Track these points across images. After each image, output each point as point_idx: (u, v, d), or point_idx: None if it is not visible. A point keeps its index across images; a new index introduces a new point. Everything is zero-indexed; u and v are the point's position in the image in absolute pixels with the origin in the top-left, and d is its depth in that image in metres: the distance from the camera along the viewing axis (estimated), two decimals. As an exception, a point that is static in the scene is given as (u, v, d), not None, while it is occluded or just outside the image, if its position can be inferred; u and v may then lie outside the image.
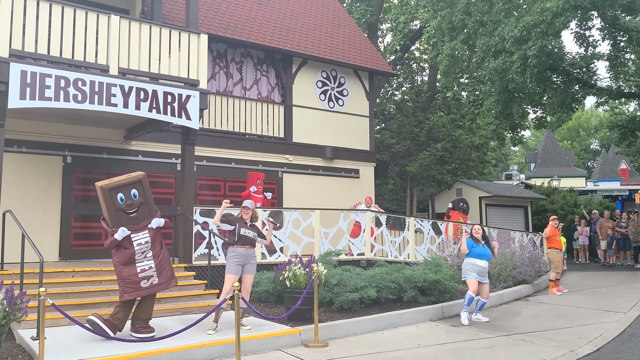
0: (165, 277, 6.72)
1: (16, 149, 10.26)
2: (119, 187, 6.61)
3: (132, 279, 6.50)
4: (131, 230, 6.56)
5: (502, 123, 19.22)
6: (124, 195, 6.60)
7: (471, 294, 8.53)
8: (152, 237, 6.68)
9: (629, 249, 18.00)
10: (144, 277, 6.55)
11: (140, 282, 6.53)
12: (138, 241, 6.56)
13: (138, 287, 6.52)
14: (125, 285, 6.50)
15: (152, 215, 6.81)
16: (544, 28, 14.35)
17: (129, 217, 6.60)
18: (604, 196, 27.09)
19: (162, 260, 6.73)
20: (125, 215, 6.59)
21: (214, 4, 14.39)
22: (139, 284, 6.52)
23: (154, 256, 6.66)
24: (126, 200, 6.60)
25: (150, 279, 6.60)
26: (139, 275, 6.52)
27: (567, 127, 57.66)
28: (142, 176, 6.83)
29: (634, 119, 20.55)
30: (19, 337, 6.63)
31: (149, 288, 6.60)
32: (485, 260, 8.77)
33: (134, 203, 6.64)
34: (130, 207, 6.62)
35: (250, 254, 7.40)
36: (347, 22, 18.29)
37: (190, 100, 9.24)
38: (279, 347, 6.78)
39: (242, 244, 7.33)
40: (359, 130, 15.91)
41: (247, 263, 7.38)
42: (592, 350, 6.73)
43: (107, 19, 8.80)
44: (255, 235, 7.48)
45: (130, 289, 6.49)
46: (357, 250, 11.78)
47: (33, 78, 7.73)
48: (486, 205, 20.14)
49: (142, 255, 6.57)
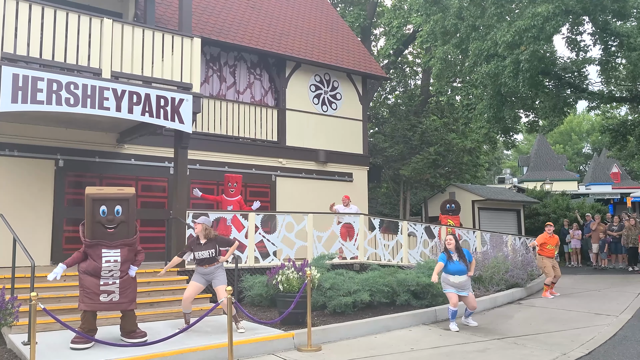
0: (126, 298, 6.53)
1: (8, 152, 10.20)
2: (104, 200, 6.50)
3: (92, 290, 6.36)
4: (104, 245, 6.44)
5: (495, 127, 19.31)
6: (107, 209, 6.48)
7: (452, 308, 8.34)
8: (123, 259, 6.52)
9: (620, 253, 18.12)
10: (105, 291, 6.40)
11: (100, 295, 6.38)
12: (107, 258, 6.42)
13: (96, 300, 6.38)
14: (85, 295, 6.37)
15: (129, 236, 6.61)
16: (535, 33, 14.46)
17: (106, 232, 6.47)
18: (596, 200, 27.25)
19: (127, 280, 6.57)
20: (102, 228, 6.46)
21: (207, 8, 14.39)
22: (98, 296, 6.37)
23: (120, 276, 6.51)
24: (107, 215, 6.47)
25: (111, 295, 6.43)
26: (100, 288, 6.38)
27: (559, 131, 58.03)
28: (131, 195, 6.68)
29: (625, 123, 20.72)
30: (10, 342, 6.58)
31: (107, 304, 6.43)
32: (459, 276, 8.40)
33: (115, 219, 6.50)
34: (110, 222, 6.48)
35: (212, 271, 7.48)
36: (340, 26, 18.33)
37: (183, 104, 9.22)
38: (272, 351, 6.77)
39: (201, 264, 7.45)
40: (352, 134, 15.94)
41: (213, 278, 7.50)
42: (584, 353, 6.76)
43: (99, 22, 8.78)
44: (212, 253, 7.41)
45: (89, 300, 6.36)
46: (350, 253, 11.78)
47: (25, 81, 7.69)
48: (479, 208, 20.20)
49: (109, 272, 6.43)
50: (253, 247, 10.42)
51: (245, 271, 10.08)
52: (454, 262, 8.49)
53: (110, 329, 7.09)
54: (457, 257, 8.52)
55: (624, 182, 40.22)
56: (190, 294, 7.42)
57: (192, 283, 7.47)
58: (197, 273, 7.53)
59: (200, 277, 7.49)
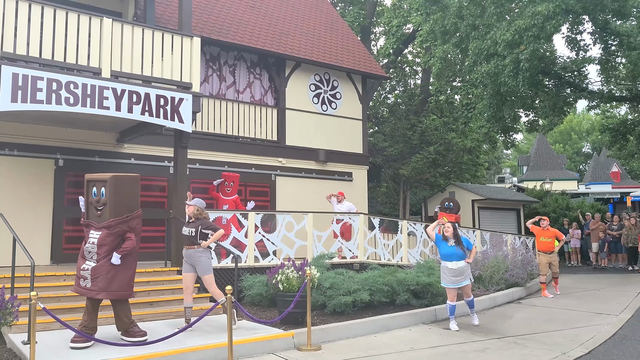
0: (96, 285, 6.38)
1: (7, 152, 10.20)
2: (94, 181, 6.73)
3: (77, 274, 6.53)
4: (93, 227, 6.58)
5: (494, 126, 19.32)
6: (97, 190, 6.68)
7: (450, 303, 8.37)
8: (100, 241, 6.45)
9: (620, 252, 18.12)
10: (82, 276, 6.47)
11: (80, 279, 6.48)
12: (90, 239, 6.53)
13: (77, 284, 6.52)
14: (75, 277, 6.59)
15: (108, 218, 6.52)
16: (535, 32, 14.45)
17: (96, 214, 6.65)
18: (595, 199, 27.24)
19: (100, 267, 6.41)
20: (93, 210, 6.68)
21: (207, 7, 14.38)
22: (79, 279, 6.49)
23: (97, 259, 6.46)
24: (96, 196, 6.67)
25: (85, 281, 6.44)
26: (81, 272, 6.48)
27: (559, 131, 58.01)
28: (110, 177, 6.62)
29: (625, 123, 20.73)
30: (10, 342, 6.58)
31: (82, 289, 6.46)
32: (456, 261, 8.35)
33: (100, 201, 6.64)
34: (97, 203, 6.65)
35: (191, 254, 7.51)
36: (340, 25, 18.33)
37: (183, 103, 9.22)
38: (271, 350, 6.77)
39: (184, 244, 7.60)
40: (352, 133, 15.94)
41: (194, 263, 7.53)
42: (584, 352, 6.76)
43: (99, 21, 8.78)
44: (192, 232, 7.45)
45: (76, 283, 6.54)
46: (350, 253, 11.78)
47: (25, 81, 7.69)
48: (479, 208, 20.20)
49: (89, 254, 6.50)
50: (253, 246, 10.42)
51: (245, 270, 10.08)
52: (449, 246, 8.43)
53: (109, 328, 7.09)
54: (454, 243, 8.47)
55: (624, 182, 40.20)
56: (186, 285, 7.57)
57: (183, 275, 7.67)
58: (184, 260, 7.65)
59: (185, 264, 7.61)
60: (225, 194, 11.52)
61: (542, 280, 11.90)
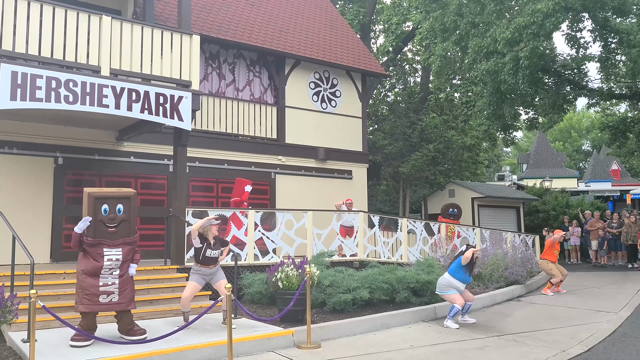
0: (125, 298, 6.49)
1: (7, 150, 10.20)
2: (106, 198, 6.52)
3: (92, 291, 6.31)
4: (106, 245, 6.43)
5: (494, 124, 19.31)
6: (109, 207, 6.50)
7: (459, 307, 8.39)
8: (124, 257, 6.51)
9: (620, 250, 18.13)
10: (105, 292, 6.36)
11: (100, 296, 6.34)
12: (109, 257, 6.40)
13: (96, 301, 6.33)
14: (83, 296, 6.31)
15: (130, 234, 6.63)
16: (535, 29, 14.44)
17: (108, 231, 6.47)
18: (595, 197, 27.24)
19: (126, 280, 6.54)
20: (104, 227, 6.46)
21: (206, 5, 14.36)
22: (97, 297, 6.33)
23: (120, 275, 6.49)
24: (109, 213, 6.48)
25: (110, 296, 6.40)
26: (99, 289, 6.34)
27: (558, 128, 57.99)
28: (132, 194, 6.74)
29: (624, 120, 20.73)
30: (10, 340, 6.59)
31: (107, 305, 6.40)
32: (465, 284, 8.67)
33: (117, 218, 6.51)
34: (112, 221, 6.49)
35: (213, 271, 7.57)
36: (339, 23, 18.31)
37: (182, 102, 9.22)
38: (271, 348, 6.77)
39: (205, 264, 7.47)
40: (352, 131, 15.93)
41: (213, 277, 7.57)
42: (583, 350, 6.77)
43: (98, 19, 8.76)
44: (218, 254, 7.59)
45: (88, 302, 6.30)
46: (349, 251, 11.78)
47: (24, 79, 7.68)
48: (478, 206, 20.20)
49: (109, 271, 6.41)
50: (252, 244, 10.42)
51: (244, 269, 10.08)
52: (466, 272, 8.63)
53: (109, 327, 7.08)
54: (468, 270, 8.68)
55: (624, 180, 40.21)
56: (189, 294, 7.41)
57: (191, 283, 7.45)
58: (197, 273, 7.50)
59: (200, 278, 7.49)
60: (245, 198, 11.70)
61: (555, 281, 11.88)
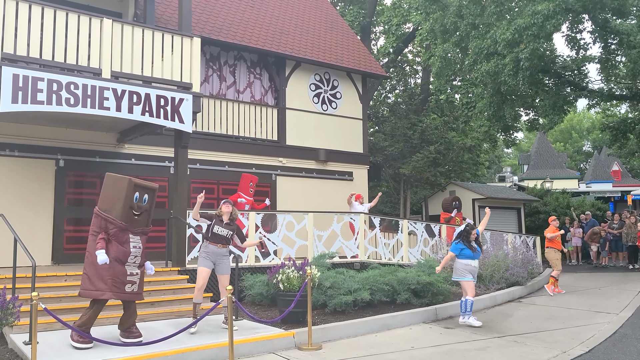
0: (141, 289, 6.65)
1: (8, 152, 10.22)
2: (141, 187, 6.67)
3: (120, 280, 6.37)
4: (130, 231, 6.52)
5: (495, 125, 19.32)
6: (140, 195, 6.64)
7: (471, 298, 8.47)
8: (143, 245, 6.68)
9: (621, 250, 18.12)
10: (130, 281, 6.45)
11: (126, 285, 6.41)
12: (134, 244, 6.52)
13: (122, 290, 6.39)
14: (110, 285, 6.29)
15: (148, 225, 6.79)
16: (535, 31, 14.45)
17: (133, 218, 6.59)
18: (596, 198, 27.25)
19: (143, 271, 6.71)
20: (132, 214, 6.56)
21: (207, 7, 14.39)
22: (124, 285, 6.39)
23: (139, 264, 6.61)
24: (138, 201, 6.62)
25: (133, 286, 6.49)
26: (127, 277, 6.42)
27: (559, 129, 58.00)
28: (157, 187, 6.94)
29: (625, 121, 20.72)
30: (11, 342, 6.60)
31: (130, 294, 6.47)
32: (477, 260, 8.78)
33: (142, 207, 6.65)
34: (139, 209, 6.62)
35: (222, 252, 7.58)
36: (340, 24, 18.33)
37: (183, 104, 9.23)
38: (272, 350, 6.78)
39: (214, 241, 7.51)
40: (353, 132, 15.94)
41: (218, 262, 7.57)
42: (584, 351, 6.77)
43: (99, 22, 8.79)
44: (229, 234, 7.61)
45: (116, 289, 6.33)
46: (350, 252, 11.78)
47: (25, 82, 7.70)
48: (479, 207, 20.19)
49: (133, 259, 6.51)
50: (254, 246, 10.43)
51: (245, 270, 10.09)
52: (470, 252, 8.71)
53: (109, 329, 7.10)
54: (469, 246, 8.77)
55: (625, 180, 40.18)
56: (203, 283, 7.46)
57: (202, 269, 7.46)
58: (205, 257, 7.49)
59: (208, 261, 7.49)
60: (248, 194, 11.69)
61: (556, 275, 11.92)
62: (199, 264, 7.56)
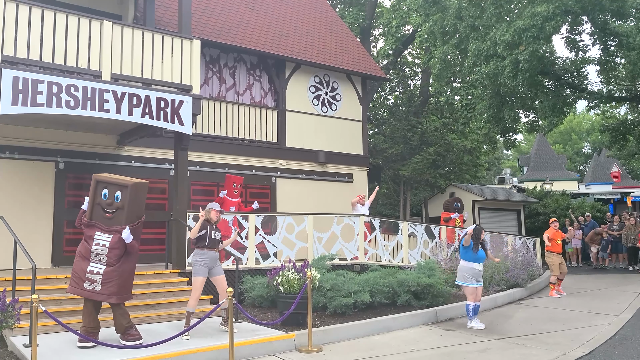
0: (107, 290, 6.45)
1: (8, 154, 10.22)
2: (107, 183, 6.69)
3: (79, 275, 6.45)
4: (99, 228, 6.54)
5: (494, 127, 19.32)
6: (109, 193, 6.64)
7: (475, 303, 8.48)
8: (112, 245, 6.51)
9: (621, 252, 18.12)
10: (89, 279, 6.43)
11: (84, 282, 6.43)
12: (97, 241, 6.50)
13: (80, 286, 6.44)
14: (72, 279, 6.50)
15: (121, 224, 6.64)
16: (535, 32, 14.46)
17: (104, 216, 6.61)
18: (596, 199, 27.24)
19: (112, 272, 6.49)
20: (101, 211, 6.62)
21: (206, 10, 14.40)
22: (82, 282, 6.43)
23: (107, 264, 6.49)
24: (108, 198, 6.62)
25: (93, 284, 6.43)
26: (85, 275, 6.43)
27: (559, 131, 58.05)
28: (131, 184, 6.70)
29: (624, 123, 20.73)
30: (11, 344, 6.59)
31: (88, 292, 6.44)
32: (481, 263, 8.76)
33: (114, 204, 6.63)
34: (109, 206, 6.61)
35: (217, 256, 7.67)
36: (339, 26, 18.35)
37: (183, 106, 9.24)
38: (272, 352, 6.78)
39: (212, 247, 7.54)
40: (352, 134, 15.95)
41: (214, 266, 7.60)
42: (584, 353, 6.77)
43: (99, 24, 8.79)
44: (219, 236, 7.74)
45: (74, 285, 6.46)
46: (350, 254, 11.78)
47: (25, 84, 7.71)
48: (479, 208, 20.19)
49: (97, 257, 6.48)
50: (253, 248, 10.43)
51: (245, 272, 10.09)
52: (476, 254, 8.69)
53: (111, 331, 7.09)
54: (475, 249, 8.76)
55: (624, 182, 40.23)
56: (199, 293, 7.41)
57: (198, 279, 7.38)
58: (202, 264, 7.42)
59: (205, 268, 7.45)
60: (232, 195, 11.50)
61: (554, 280, 11.92)
62: (196, 274, 7.42)
